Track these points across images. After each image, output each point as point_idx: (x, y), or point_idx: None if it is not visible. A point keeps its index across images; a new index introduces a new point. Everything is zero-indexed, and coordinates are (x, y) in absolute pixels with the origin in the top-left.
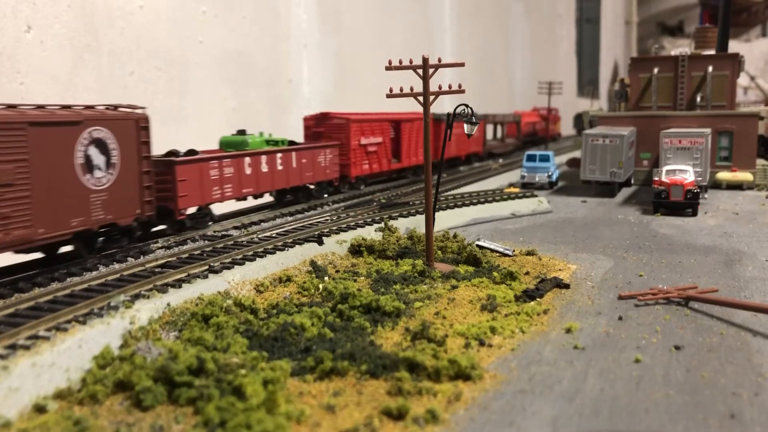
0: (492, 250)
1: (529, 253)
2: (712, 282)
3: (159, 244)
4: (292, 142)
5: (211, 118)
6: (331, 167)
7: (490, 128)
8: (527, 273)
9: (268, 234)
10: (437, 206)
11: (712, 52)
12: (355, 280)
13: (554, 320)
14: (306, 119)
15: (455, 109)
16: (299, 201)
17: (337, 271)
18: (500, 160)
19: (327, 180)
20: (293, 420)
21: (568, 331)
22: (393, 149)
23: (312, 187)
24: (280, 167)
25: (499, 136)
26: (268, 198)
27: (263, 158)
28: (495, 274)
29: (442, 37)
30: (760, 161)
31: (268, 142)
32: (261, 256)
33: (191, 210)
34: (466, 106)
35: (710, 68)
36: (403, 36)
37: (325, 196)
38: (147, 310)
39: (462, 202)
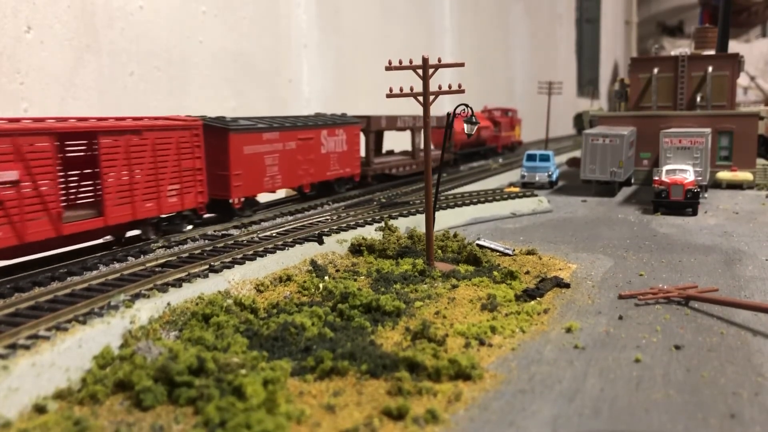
0: (492, 250)
1: (530, 253)
2: (712, 281)
3: (159, 244)
4: None
5: None
6: None
7: (394, 136)
8: (527, 272)
9: (268, 233)
10: (437, 205)
11: (712, 52)
12: (355, 280)
13: (554, 320)
14: None
15: (455, 110)
16: None
17: (338, 271)
18: (500, 160)
19: None
20: (293, 420)
21: (569, 330)
22: (76, 191)
23: None
24: None
25: (418, 148)
26: None
27: None
28: (495, 273)
29: (442, 37)
30: (760, 161)
31: None
32: (261, 256)
33: None
34: (466, 106)
35: (710, 68)
36: (403, 36)
37: None
38: (147, 309)
39: (462, 202)
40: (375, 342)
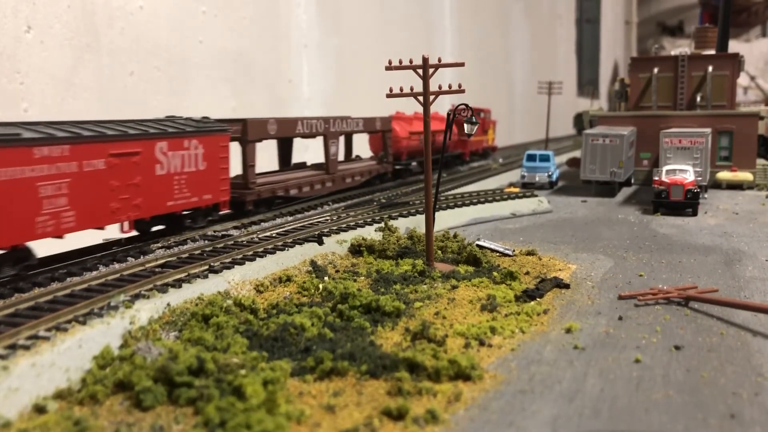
0: (492, 250)
1: (529, 253)
2: (712, 282)
3: (159, 244)
4: None
5: None
6: None
7: (302, 144)
8: (527, 273)
9: (268, 234)
10: (437, 206)
11: (712, 52)
12: (355, 280)
13: (554, 320)
14: None
15: (455, 109)
16: None
17: (337, 271)
18: (500, 160)
19: None
20: (293, 420)
21: (568, 331)
22: None
23: None
24: None
25: (333, 160)
26: None
27: None
28: (495, 274)
29: (442, 37)
30: (760, 161)
31: None
32: (261, 256)
33: None
34: (467, 105)
35: (710, 68)
36: (403, 36)
37: None
38: (147, 310)
39: (462, 202)
40: (375, 342)
